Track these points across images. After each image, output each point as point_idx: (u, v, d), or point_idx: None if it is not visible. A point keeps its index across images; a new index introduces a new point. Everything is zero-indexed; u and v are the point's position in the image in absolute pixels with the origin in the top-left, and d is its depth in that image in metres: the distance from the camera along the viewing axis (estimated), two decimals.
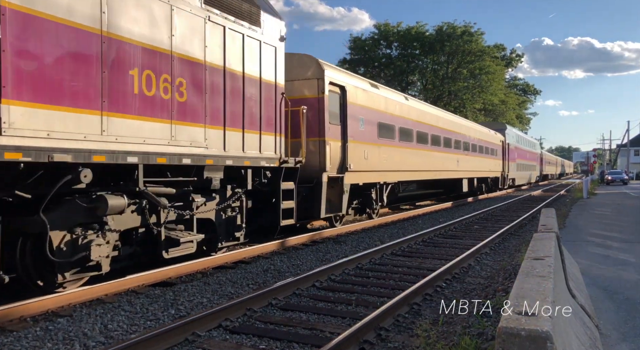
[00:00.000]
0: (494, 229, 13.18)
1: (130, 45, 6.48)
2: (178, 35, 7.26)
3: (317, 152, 11.40)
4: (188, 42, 7.47)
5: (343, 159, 12.15)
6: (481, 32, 49.37)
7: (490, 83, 49.82)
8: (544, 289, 2.89)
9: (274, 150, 9.52)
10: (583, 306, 4.98)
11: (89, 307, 5.85)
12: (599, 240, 10.82)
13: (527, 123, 72.49)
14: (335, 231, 12.16)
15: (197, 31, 7.67)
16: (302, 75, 11.69)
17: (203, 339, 4.84)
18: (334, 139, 11.82)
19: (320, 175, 11.25)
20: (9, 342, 4.74)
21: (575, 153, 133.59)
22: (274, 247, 9.75)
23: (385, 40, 51.00)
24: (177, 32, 7.25)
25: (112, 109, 6.20)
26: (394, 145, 15.37)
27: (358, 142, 12.90)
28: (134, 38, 6.53)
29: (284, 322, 5.35)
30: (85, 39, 5.88)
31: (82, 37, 5.85)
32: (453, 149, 21.70)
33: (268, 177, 9.69)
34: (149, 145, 6.73)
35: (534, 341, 2.15)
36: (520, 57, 61.41)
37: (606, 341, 4.53)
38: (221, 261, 8.31)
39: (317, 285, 6.92)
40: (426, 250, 10.12)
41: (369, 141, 13.55)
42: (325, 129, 11.43)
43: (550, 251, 4.35)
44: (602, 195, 28.96)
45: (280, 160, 9.59)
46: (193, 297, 6.38)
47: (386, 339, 4.85)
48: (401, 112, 16.15)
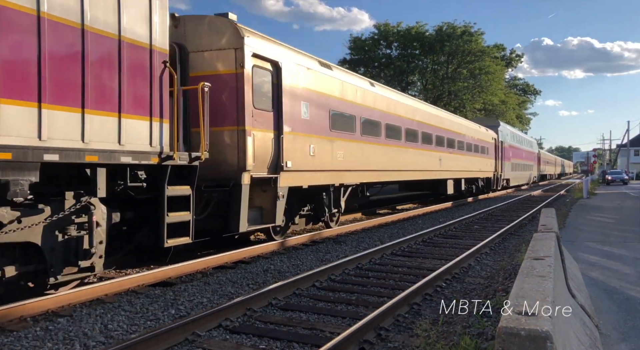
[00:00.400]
0: (494, 229, 13.18)
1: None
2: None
3: (235, 145, 8.71)
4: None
5: (277, 155, 9.55)
6: (481, 32, 49.41)
7: (490, 83, 49.79)
8: (544, 289, 2.89)
9: (149, 142, 6.66)
10: (583, 306, 4.98)
11: (89, 307, 5.85)
12: (599, 240, 10.82)
13: (527, 123, 72.50)
14: (335, 231, 12.15)
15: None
16: (214, 44, 8.86)
17: (203, 339, 4.84)
18: (260, 128, 9.13)
19: (239, 175, 8.66)
20: (9, 342, 4.74)
21: (575, 153, 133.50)
22: (274, 247, 9.75)
23: (385, 40, 50.97)
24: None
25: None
26: (355, 140, 12.85)
27: (300, 134, 10.34)
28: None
29: (284, 322, 5.35)
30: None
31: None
32: (434, 146, 19.25)
33: (144, 179, 6.79)
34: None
35: (534, 341, 2.15)
36: (520, 57, 61.40)
37: (606, 341, 4.52)
38: (221, 261, 8.31)
39: (317, 285, 6.92)
40: (426, 250, 10.12)
41: (317, 134, 11.00)
42: (245, 116, 8.69)
43: (550, 251, 4.36)
44: (602, 195, 28.96)
45: (161, 155, 6.80)
46: (193, 297, 6.38)
47: (386, 339, 4.85)
48: (364, 101, 13.52)
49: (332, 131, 11.76)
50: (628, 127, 77.99)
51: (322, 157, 11.29)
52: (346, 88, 12.64)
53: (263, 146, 9.23)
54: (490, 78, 49.56)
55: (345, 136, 12.45)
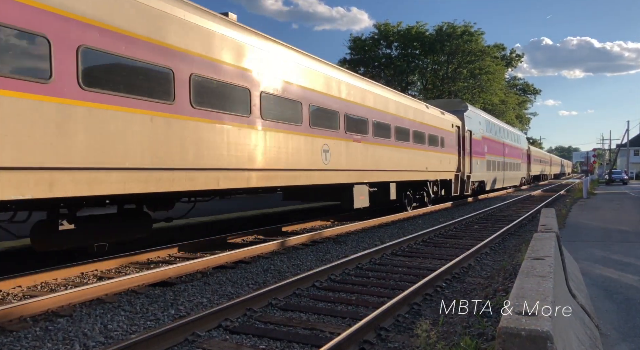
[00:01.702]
0: (494, 229, 13.18)
1: None
2: None
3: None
4: None
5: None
6: (481, 32, 49.45)
7: (490, 83, 49.85)
8: (544, 289, 2.89)
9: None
10: (583, 306, 4.98)
11: (88, 307, 5.85)
12: (600, 240, 10.81)
13: (527, 123, 72.53)
14: (336, 231, 12.15)
15: None
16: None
17: (203, 339, 4.84)
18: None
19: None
20: (9, 342, 4.74)
21: (575, 153, 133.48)
22: (274, 247, 9.75)
23: (385, 40, 51.00)
24: None
25: None
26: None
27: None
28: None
29: (284, 322, 5.34)
30: None
31: None
32: (326, 130, 11.64)
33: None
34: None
35: (534, 341, 2.15)
36: (520, 57, 61.49)
37: (606, 341, 4.52)
38: (221, 261, 8.30)
39: (317, 285, 6.92)
40: (426, 250, 10.12)
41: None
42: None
43: (550, 251, 4.35)
44: (602, 195, 28.95)
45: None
46: (193, 297, 6.38)
47: (386, 339, 4.85)
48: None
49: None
50: (628, 127, 77.97)
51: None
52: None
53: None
54: (490, 78, 49.60)
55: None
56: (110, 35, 6.40)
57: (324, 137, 11.64)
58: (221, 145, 8.27)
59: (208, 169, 7.98)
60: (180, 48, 7.49)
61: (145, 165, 6.89)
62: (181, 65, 7.47)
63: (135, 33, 6.79)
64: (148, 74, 6.97)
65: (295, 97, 10.49)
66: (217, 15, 8.55)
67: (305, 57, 11.22)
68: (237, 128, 8.71)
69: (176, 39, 7.43)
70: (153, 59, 7.02)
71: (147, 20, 6.97)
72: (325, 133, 11.67)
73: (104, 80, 6.35)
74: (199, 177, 7.82)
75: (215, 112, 8.15)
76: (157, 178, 7.07)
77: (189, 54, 7.65)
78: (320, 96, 11.45)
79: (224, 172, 8.34)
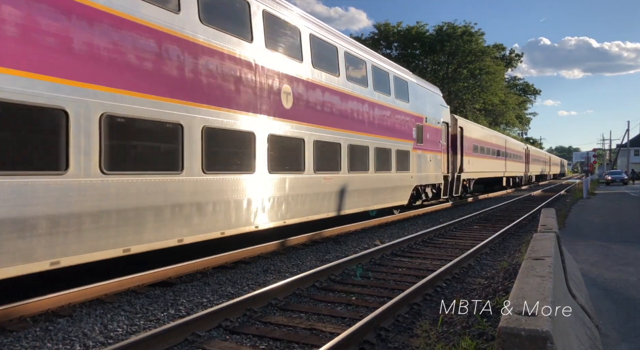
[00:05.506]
0: (494, 229, 13.18)
1: None
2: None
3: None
4: None
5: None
6: (481, 32, 49.47)
7: (490, 83, 49.85)
8: (544, 289, 2.89)
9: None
10: (583, 306, 4.98)
11: (88, 307, 5.85)
12: (599, 240, 10.81)
13: (527, 123, 72.46)
14: (336, 231, 12.15)
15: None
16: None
17: (203, 339, 4.84)
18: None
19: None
20: (9, 342, 4.74)
21: (575, 153, 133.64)
22: (274, 247, 9.74)
23: (385, 40, 51.02)
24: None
25: None
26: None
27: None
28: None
29: (284, 322, 5.34)
30: None
31: None
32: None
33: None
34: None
35: (534, 341, 2.14)
36: (520, 57, 61.45)
37: (606, 341, 4.52)
38: (221, 261, 8.30)
39: (317, 285, 6.92)
40: (426, 250, 10.12)
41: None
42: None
43: (550, 251, 4.35)
44: (602, 195, 28.94)
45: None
46: (193, 297, 6.38)
47: (386, 339, 4.85)
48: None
49: None
50: (628, 127, 78.06)
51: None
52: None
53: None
54: (490, 78, 49.61)
55: None
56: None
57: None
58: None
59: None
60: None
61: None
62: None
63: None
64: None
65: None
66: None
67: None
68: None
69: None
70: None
71: None
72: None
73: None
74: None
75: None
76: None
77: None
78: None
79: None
